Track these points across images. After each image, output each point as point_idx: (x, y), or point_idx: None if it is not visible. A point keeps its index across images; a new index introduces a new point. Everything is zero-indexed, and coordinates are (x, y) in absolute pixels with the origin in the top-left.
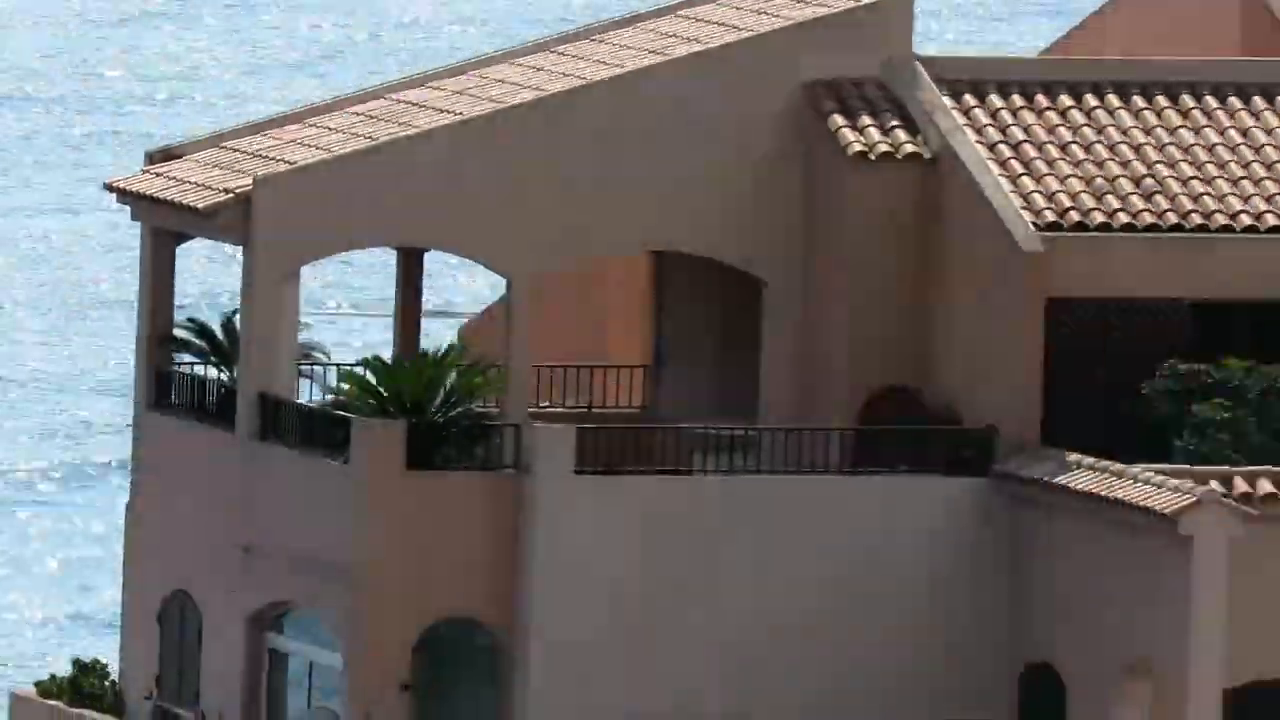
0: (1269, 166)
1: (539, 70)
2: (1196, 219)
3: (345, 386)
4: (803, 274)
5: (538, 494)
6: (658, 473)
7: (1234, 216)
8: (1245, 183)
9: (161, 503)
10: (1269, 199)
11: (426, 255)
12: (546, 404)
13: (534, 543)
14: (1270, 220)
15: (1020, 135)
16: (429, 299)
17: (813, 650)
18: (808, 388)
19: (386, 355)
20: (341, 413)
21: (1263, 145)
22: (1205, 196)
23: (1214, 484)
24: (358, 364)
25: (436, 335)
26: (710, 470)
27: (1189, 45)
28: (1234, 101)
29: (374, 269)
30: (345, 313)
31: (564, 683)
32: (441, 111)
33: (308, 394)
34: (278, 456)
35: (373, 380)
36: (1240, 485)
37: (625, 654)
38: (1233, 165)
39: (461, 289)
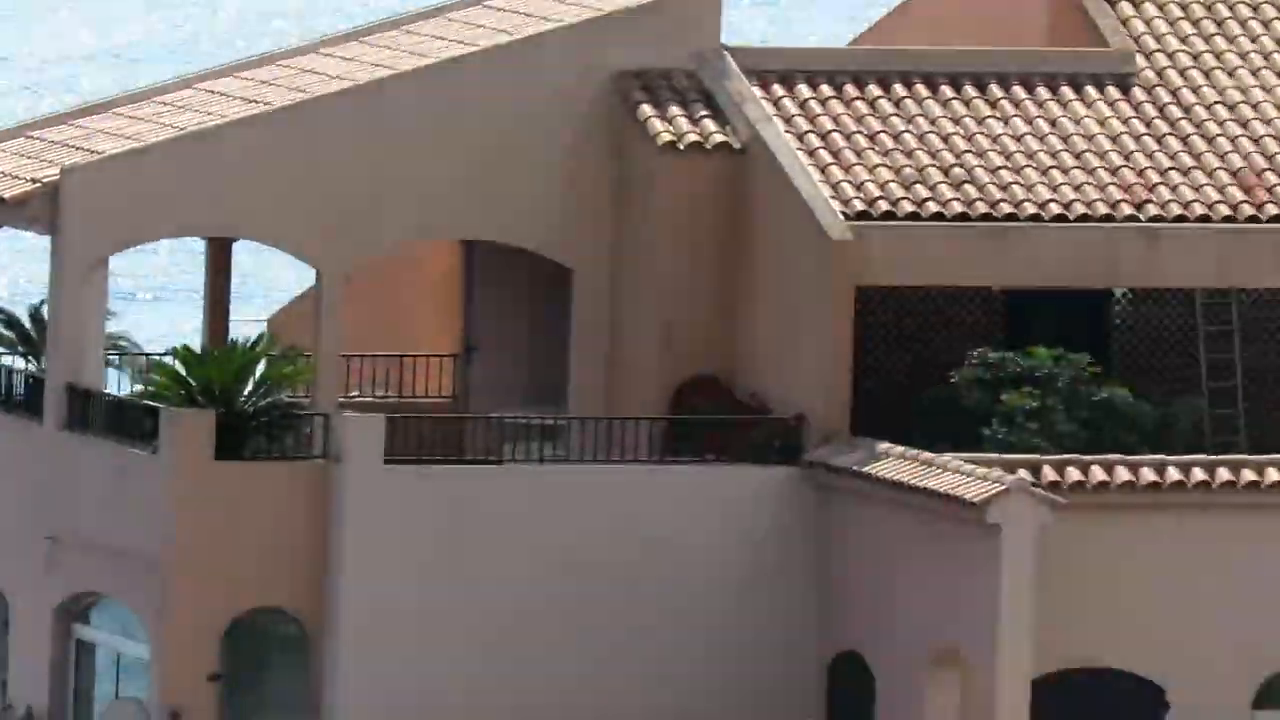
0: (1077, 156)
1: (347, 60)
2: (1005, 208)
3: (154, 376)
4: (612, 263)
5: (347, 483)
6: (467, 462)
7: (1042, 205)
8: (1054, 172)
9: None
10: (1077, 188)
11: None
12: (356, 394)
13: (343, 532)
14: (1078, 209)
15: (829, 125)
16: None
17: (623, 638)
18: (617, 377)
19: (196, 345)
20: (150, 403)
21: (1070, 135)
22: (1014, 186)
23: (1022, 472)
24: (166, 354)
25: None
26: (519, 460)
27: (997, 35)
28: (1042, 91)
29: (181, 258)
30: (153, 301)
31: (372, 671)
32: (249, 101)
33: (116, 384)
34: (86, 447)
35: (182, 370)
36: (1049, 474)
37: (433, 643)
38: (1041, 155)
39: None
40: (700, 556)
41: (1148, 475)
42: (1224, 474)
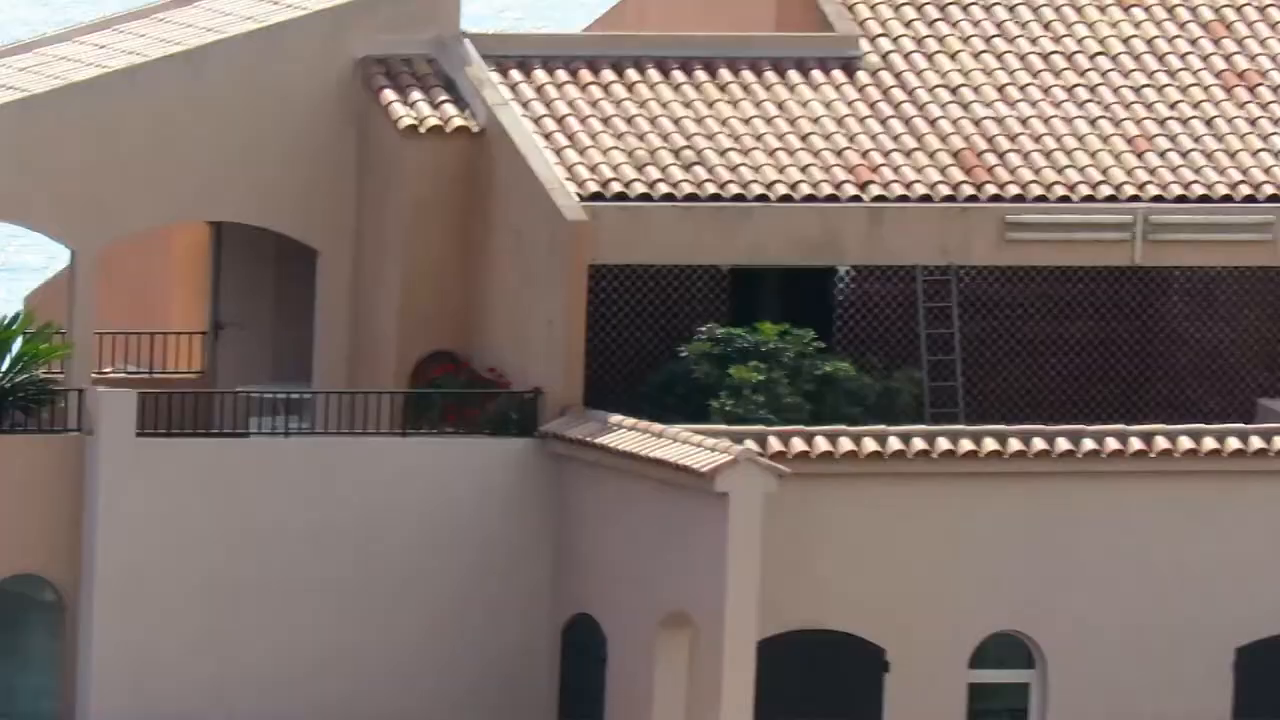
0: (803, 138)
1: (101, 48)
2: (733, 189)
3: None
4: (355, 243)
5: (100, 456)
6: (216, 435)
7: (769, 186)
8: (780, 154)
9: None
10: (803, 169)
11: None
12: (110, 369)
13: (97, 503)
14: (804, 190)
15: (565, 109)
16: None
17: (367, 604)
18: (360, 353)
19: None
20: None
21: (797, 118)
22: (742, 167)
23: (749, 443)
24: None
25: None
26: (266, 432)
27: (727, 21)
28: (769, 76)
29: None
30: None
31: (126, 639)
32: (7, 88)
33: None
34: None
35: None
36: (774, 444)
37: (184, 611)
38: (768, 137)
39: None
40: (440, 524)
41: (870, 445)
42: (943, 443)
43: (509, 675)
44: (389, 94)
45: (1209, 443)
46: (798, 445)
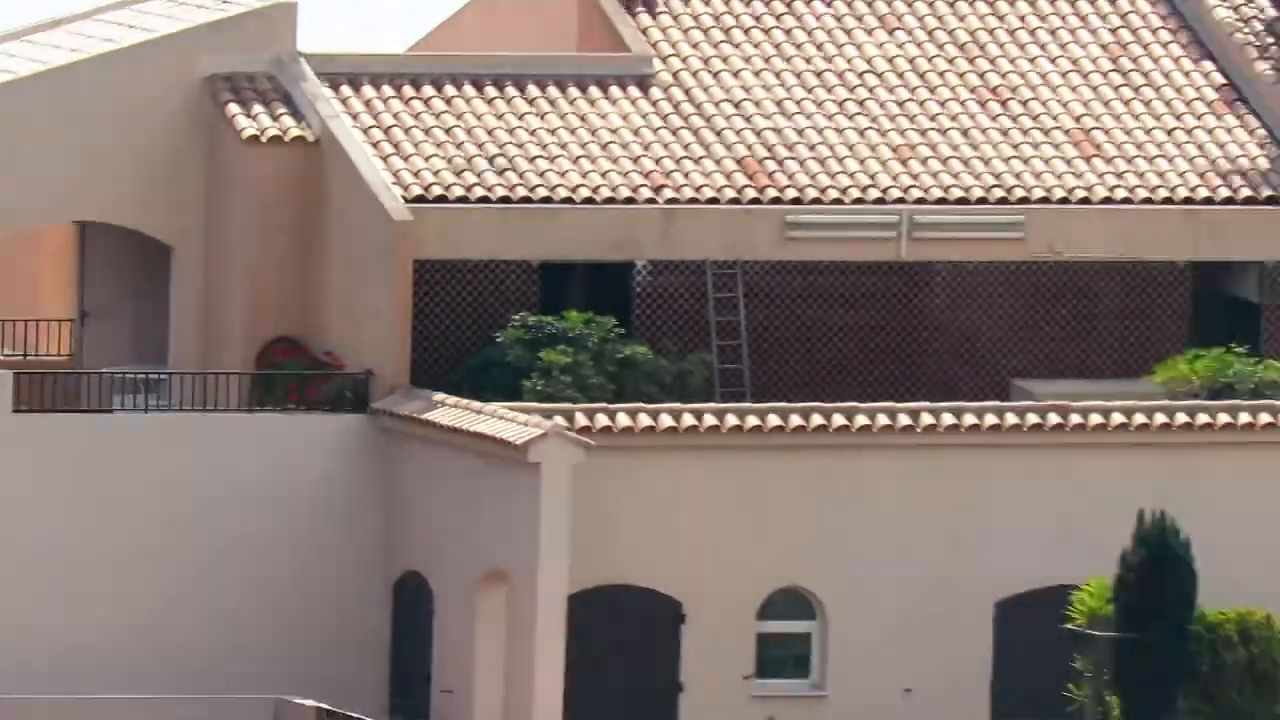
0: (603, 146)
1: None
2: (542, 192)
3: None
4: (205, 240)
5: None
6: (84, 411)
7: (573, 190)
8: (583, 160)
9: None
10: (603, 174)
11: None
12: None
13: None
14: (605, 193)
15: (390, 120)
16: None
17: (219, 563)
18: (211, 338)
19: None
20: None
21: (597, 128)
22: (549, 173)
23: (558, 419)
24: None
25: None
26: (129, 409)
27: (534, 41)
28: (572, 91)
29: None
30: None
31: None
32: None
33: None
34: None
35: None
36: (581, 420)
37: (51, 579)
38: (572, 145)
39: None
40: (283, 491)
41: (666, 421)
42: (731, 419)
43: (346, 625)
44: (234, 107)
45: (968, 419)
46: (602, 421)
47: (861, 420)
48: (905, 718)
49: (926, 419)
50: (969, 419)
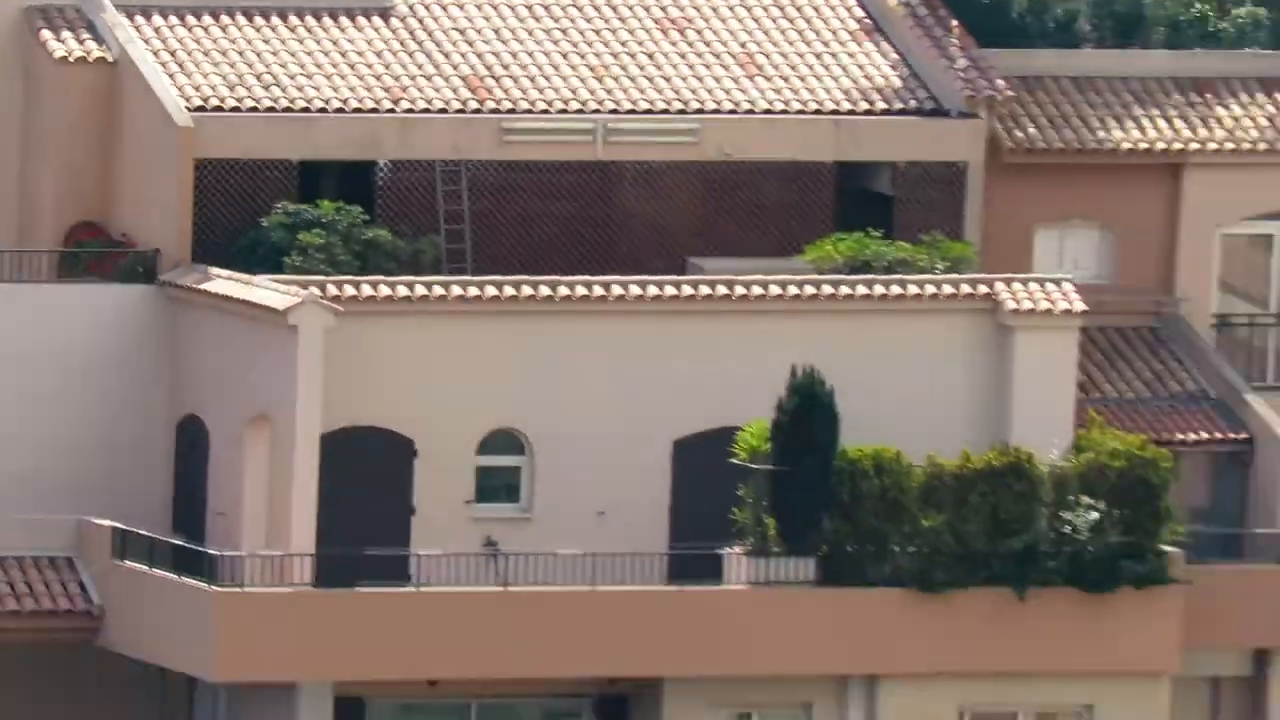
0: (352, 66)
1: None
2: (301, 103)
3: None
4: (23, 145)
5: None
6: None
7: (327, 102)
8: (335, 77)
9: None
10: (352, 90)
11: None
12: None
13: None
14: (353, 105)
15: (176, 45)
16: None
17: (28, 410)
18: (27, 224)
19: None
20: None
21: (347, 51)
22: (307, 88)
23: (313, 289)
24: None
25: None
26: None
27: None
28: (327, 20)
29: None
30: None
31: None
32: None
33: None
34: None
35: None
36: (332, 290)
37: None
38: (326, 65)
39: None
40: (84, 350)
41: (402, 291)
42: (456, 290)
43: (136, 460)
44: (46, 34)
45: (652, 290)
46: (349, 291)
47: (564, 291)
48: (598, 536)
49: (617, 290)
50: (653, 290)
